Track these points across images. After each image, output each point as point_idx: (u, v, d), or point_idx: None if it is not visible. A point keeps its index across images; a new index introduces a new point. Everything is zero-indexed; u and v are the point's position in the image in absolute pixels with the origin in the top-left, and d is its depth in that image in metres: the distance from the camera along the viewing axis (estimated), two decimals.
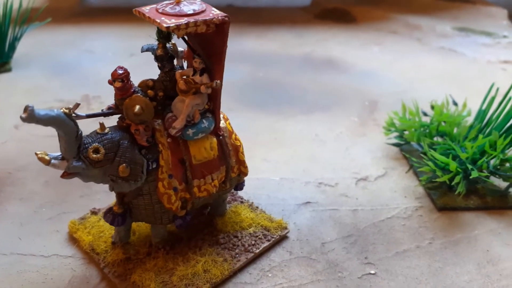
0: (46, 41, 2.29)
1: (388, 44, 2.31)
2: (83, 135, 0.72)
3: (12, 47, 1.89)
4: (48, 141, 0.69)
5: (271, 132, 1.40)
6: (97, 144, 0.71)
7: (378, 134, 1.38)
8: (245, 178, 0.96)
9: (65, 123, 0.67)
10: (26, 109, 0.61)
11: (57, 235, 0.96)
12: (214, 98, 0.81)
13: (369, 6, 2.83)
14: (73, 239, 0.94)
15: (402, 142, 1.26)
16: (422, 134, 1.17)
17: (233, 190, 0.98)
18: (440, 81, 1.83)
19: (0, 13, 1.81)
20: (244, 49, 2.18)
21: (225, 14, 0.73)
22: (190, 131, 0.79)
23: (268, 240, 0.92)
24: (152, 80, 0.79)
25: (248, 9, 2.85)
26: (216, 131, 0.84)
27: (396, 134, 1.29)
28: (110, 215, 0.81)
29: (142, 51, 0.81)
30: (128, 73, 0.73)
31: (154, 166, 0.77)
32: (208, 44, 0.76)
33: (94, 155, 0.71)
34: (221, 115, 0.87)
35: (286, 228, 0.96)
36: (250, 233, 0.93)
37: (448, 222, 1.02)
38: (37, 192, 1.10)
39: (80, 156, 0.70)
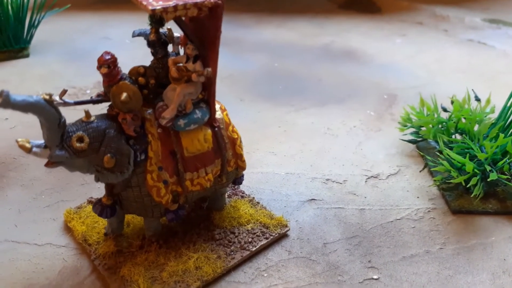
0: (65, 28, 2.29)
1: (412, 36, 2.21)
2: (67, 123, 0.69)
3: (30, 33, 1.90)
4: None
5: (281, 124, 1.34)
6: (81, 132, 0.68)
7: (394, 130, 1.31)
8: (249, 171, 0.92)
9: (45, 110, 0.64)
10: (1, 94, 0.58)
11: (53, 223, 0.94)
12: (208, 87, 0.76)
13: None
14: (68, 228, 0.92)
15: (418, 139, 1.19)
16: (439, 131, 1.10)
17: (232, 184, 0.94)
18: (465, 75, 1.73)
19: None
20: (261, 38, 2.13)
21: None
22: (181, 122, 0.75)
23: (266, 238, 0.88)
24: (143, 67, 0.75)
25: None
26: (211, 122, 0.80)
27: (412, 130, 1.22)
28: (99, 206, 0.78)
29: (133, 36, 0.77)
30: (115, 59, 0.69)
31: (143, 157, 0.74)
32: (201, 29, 0.72)
33: (78, 144, 0.67)
34: (218, 106, 0.83)
35: (286, 226, 0.91)
36: (247, 230, 0.89)
37: (463, 226, 0.95)
38: (39, 178, 1.09)
39: (63, 144, 0.67)
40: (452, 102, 1.17)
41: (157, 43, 0.74)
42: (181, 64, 0.73)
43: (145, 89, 0.74)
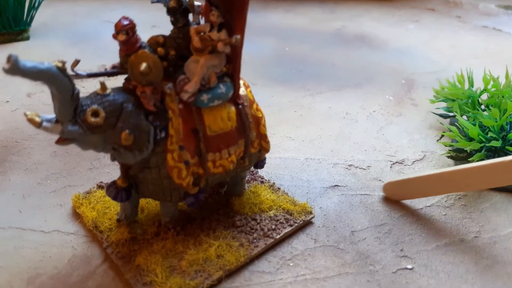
0: (66, 10, 2.22)
1: (425, 22, 2.15)
2: (81, 96, 0.62)
3: (30, 15, 1.82)
4: None
5: (297, 109, 1.28)
6: (96, 106, 0.61)
7: (415, 115, 1.25)
8: (267, 156, 0.86)
9: (57, 78, 0.57)
10: (9, 58, 0.52)
11: (60, 209, 0.88)
12: (233, 60, 0.70)
13: None
14: (76, 215, 0.86)
15: (451, 114, 1.14)
16: (464, 104, 1.05)
17: (252, 168, 0.88)
18: (482, 61, 1.67)
19: None
20: (270, 23, 2.06)
21: None
22: (204, 97, 0.68)
23: (291, 225, 0.82)
24: (163, 36, 0.68)
25: None
26: (235, 99, 0.73)
27: (444, 104, 1.19)
28: (113, 189, 0.71)
29: (152, 2, 0.70)
30: (134, 25, 0.63)
31: (163, 135, 0.67)
32: None
33: (92, 119, 0.61)
34: (242, 81, 0.76)
35: (311, 212, 0.85)
36: (270, 217, 0.83)
37: (496, 214, 0.90)
38: (44, 162, 1.03)
39: (76, 119, 0.61)
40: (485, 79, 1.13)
41: (178, 10, 0.67)
42: (204, 33, 0.67)
43: (165, 61, 0.68)
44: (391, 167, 1.03)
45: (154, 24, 1.98)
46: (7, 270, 0.74)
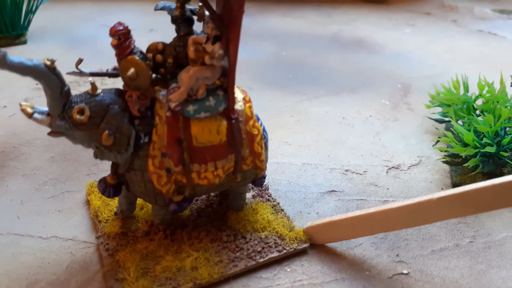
0: (63, 14, 2.22)
1: (421, 26, 2.17)
2: (73, 93, 0.66)
3: (28, 19, 1.82)
4: None
5: (293, 113, 1.29)
6: (83, 104, 0.64)
7: (411, 119, 1.27)
8: None
9: (44, 75, 0.61)
10: None
11: (58, 215, 0.89)
12: (228, 74, 0.70)
13: None
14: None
15: (446, 119, 1.16)
16: (459, 110, 1.07)
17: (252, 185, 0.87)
18: (478, 65, 1.68)
19: None
20: (267, 26, 2.07)
21: None
22: (190, 108, 0.68)
23: (279, 251, 0.77)
24: (163, 43, 0.69)
25: None
26: (229, 114, 0.72)
27: (440, 109, 1.21)
28: (102, 184, 0.74)
29: (155, 9, 0.71)
30: (128, 31, 0.64)
31: (147, 140, 0.69)
32: (224, 8, 0.65)
33: (77, 116, 0.64)
34: (242, 96, 0.75)
35: (305, 242, 0.80)
36: (260, 237, 0.79)
37: (491, 219, 0.91)
38: (42, 168, 1.03)
39: (64, 115, 0.65)
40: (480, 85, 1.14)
41: (180, 19, 0.68)
42: (201, 44, 0.67)
43: (162, 68, 0.69)
44: (387, 172, 1.04)
45: (151, 28, 1.99)
46: (6, 276, 0.75)
